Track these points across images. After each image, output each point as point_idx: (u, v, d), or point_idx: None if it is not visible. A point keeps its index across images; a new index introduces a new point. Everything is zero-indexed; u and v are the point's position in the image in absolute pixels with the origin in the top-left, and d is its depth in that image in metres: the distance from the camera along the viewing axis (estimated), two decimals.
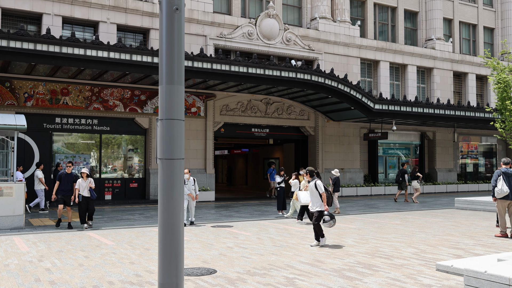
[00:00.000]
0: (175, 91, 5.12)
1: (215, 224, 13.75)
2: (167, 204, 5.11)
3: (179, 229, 5.13)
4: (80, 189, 12.56)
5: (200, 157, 22.68)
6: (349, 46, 27.41)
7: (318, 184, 9.71)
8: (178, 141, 5.12)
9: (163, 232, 5.07)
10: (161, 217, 5.12)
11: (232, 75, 19.39)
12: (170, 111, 5.09)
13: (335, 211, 17.18)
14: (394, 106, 23.83)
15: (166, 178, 5.07)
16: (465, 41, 33.65)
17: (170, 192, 5.09)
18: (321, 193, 9.67)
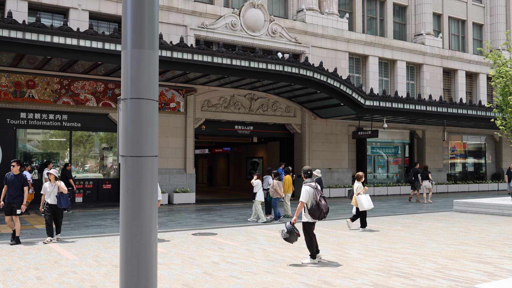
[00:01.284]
0: (146, 58, 3.59)
1: (196, 231, 12.19)
2: (133, 221, 3.57)
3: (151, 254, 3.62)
4: (46, 195, 10.61)
5: (179, 156, 21.06)
6: (337, 40, 26.09)
7: (303, 190, 8.00)
8: (149, 131, 3.58)
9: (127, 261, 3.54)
10: (125, 241, 3.58)
11: (214, 67, 17.84)
12: (137, 87, 3.56)
13: None
14: (385, 103, 22.58)
15: (132, 184, 3.55)
16: (454, 37, 32.69)
17: (138, 203, 3.57)
18: (300, 200, 8.07)
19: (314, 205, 7.91)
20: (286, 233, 8.16)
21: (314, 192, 7.98)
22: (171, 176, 20.63)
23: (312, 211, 7.92)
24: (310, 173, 8.26)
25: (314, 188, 8.01)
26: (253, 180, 14.66)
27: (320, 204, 7.91)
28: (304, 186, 8.03)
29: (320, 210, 7.93)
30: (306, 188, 8.00)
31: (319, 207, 7.90)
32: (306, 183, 8.09)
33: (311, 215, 7.96)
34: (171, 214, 16.37)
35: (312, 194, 7.97)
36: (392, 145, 28.61)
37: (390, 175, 28.54)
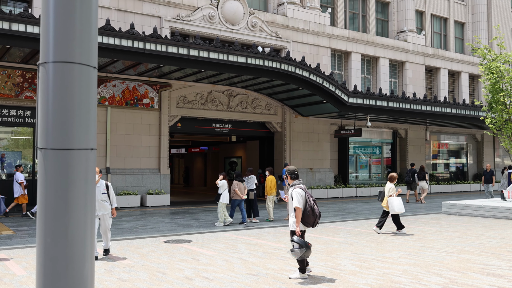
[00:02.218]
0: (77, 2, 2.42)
1: (169, 237, 11.01)
2: (55, 249, 2.41)
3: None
4: None
5: (153, 155, 19.80)
6: (319, 35, 25.15)
7: (295, 193, 6.88)
8: (83, 112, 2.40)
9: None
10: (42, 277, 2.42)
11: (190, 60, 16.66)
12: (65, 45, 2.39)
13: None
14: (369, 100, 21.71)
15: (54, 192, 2.37)
16: (437, 35, 32.12)
17: (64, 222, 2.40)
18: (294, 207, 6.89)
19: (308, 210, 6.84)
20: (299, 249, 6.66)
21: (306, 196, 6.91)
22: (144, 177, 19.35)
23: (305, 217, 6.86)
24: (297, 173, 7.18)
25: (305, 190, 6.95)
26: (218, 180, 13.62)
27: (314, 209, 6.85)
28: (295, 190, 6.93)
29: (315, 215, 6.88)
30: (298, 191, 6.90)
31: (314, 212, 6.84)
32: (295, 185, 7.00)
33: (304, 222, 6.90)
34: (143, 217, 15.13)
35: (305, 198, 6.90)
36: (374, 145, 27.82)
37: (373, 175, 27.75)
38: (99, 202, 8.53)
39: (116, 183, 18.64)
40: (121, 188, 18.72)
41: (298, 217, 6.81)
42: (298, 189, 6.89)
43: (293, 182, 7.08)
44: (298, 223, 6.83)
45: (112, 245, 9.83)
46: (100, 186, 8.57)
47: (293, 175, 7.12)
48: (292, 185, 7.02)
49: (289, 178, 7.13)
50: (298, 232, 6.84)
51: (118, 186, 18.68)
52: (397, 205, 11.46)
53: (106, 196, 8.66)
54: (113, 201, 8.77)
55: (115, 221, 14.01)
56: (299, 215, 6.80)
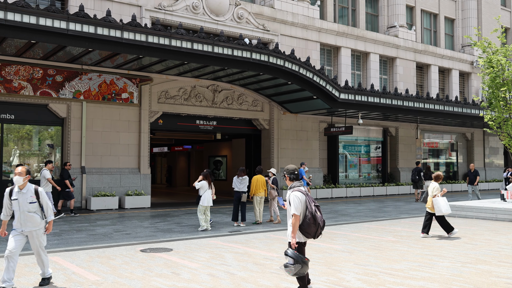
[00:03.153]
0: None
1: (147, 245, 9.81)
2: None
3: None
4: None
5: (132, 154, 18.52)
6: (308, 29, 24.09)
7: (293, 197, 5.69)
8: None
9: None
10: None
11: (172, 51, 15.45)
12: None
13: (274, 221, 13.77)
14: (361, 96, 20.70)
15: None
16: (427, 31, 31.31)
17: None
18: (291, 214, 5.68)
19: (309, 218, 5.68)
20: (294, 265, 5.52)
21: (306, 200, 5.78)
22: (123, 177, 18.07)
23: (305, 226, 5.69)
24: (297, 174, 6.03)
25: (306, 194, 5.81)
26: (196, 182, 12.44)
27: (316, 216, 5.72)
28: (293, 193, 5.76)
29: (317, 224, 5.72)
30: (296, 195, 5.73)
31: (316, 220, 5.70)
32: (294, 187, 5.85)
33: (303, 232, 5.73)
34: (120, 221, 13.88)
35: (305, 203, 5.77)
36: (364, 143, 26.88)
37: (363, 175, 26.80)
38: (25, 214, 6.47)
39: (92, 184, 17.34)
40: (98, 189, 17.41)
41: (295, 226, 5.65)
42: (297, 192, 5.75)
43: (291, 184, 5.93)
44: (294, 233, 5.67)
45: (80, 256, 8.60)
46: (27, 193, 6.52)
47: (292, 176, 5.97)
48: (291, 188, 5.88)
49: (288, 179, 5.98)
50: (294, 244, 5.67)
51: (94, 187, 17.37)
52: (443, 206, 10.68)
53: (36, 206, 6.54)
54: (48, 212, 6.62)
55: (87, 226, 12.75)
56: (296, 223, 5.64)
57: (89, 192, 17.24)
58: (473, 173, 20.65)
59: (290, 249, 5.62)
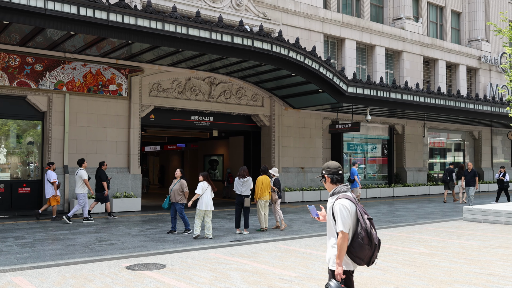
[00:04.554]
0: None
1: (135, 259, 8.13)
2: None
3: None
4: None
5: (121, 152, 16.81)
6: (311, 19, 22.48)
7: (339, 208, 3.99)
8: None
9: None
10: None
11: (166, 37, 13.79)
12: None
13: (281, 227, 12.16)
14: (369, 90, 19.13)
15: None
16: (433, 24, 29.81)
17: None
18: (337, 231, 4.01)
19: (363, 237, 3.94)
20: None
21: (357, 211, 4.10)
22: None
23: (357, 248, 3.97)
24: (341, 174, 4.33)
25: (355, 202, 4.18)
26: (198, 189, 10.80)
27: (372, 234, 4.02)
28: (339, 201, 4.02)
29: (373, 246, 4.00)
30: (344, 203, 4.00)
31: (371, 240, 4.00)
32: (339, 193, 4.13)
33: (354, 256, 4.00)
34: (105, 228, 12.18)
35: (355, 215, 4.08)
36: (370, 142, 25.31)
37: (368, 175, 25.24)
38: None
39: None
40: None
41: (342, 249, 3.94)
42: (345, 200, 4.04)
43: (335, 188, 4.20)
44: (341, 259, 3.97)
45: (51, 275, 6.92)
46: None
47: (335, 176, 4.23)
48: (334, 193, 4.19)
49: (328, 180, 4.27)
50: (340, 274, 3.98)
51: None
52: None
53: None
54: None
55: (67, 233, 11.04)
56: (343, 245, 3.93)
57: (72, 194, 15.50)
58: (470, 173, 18.39)
59: (333, 281, 3.95)
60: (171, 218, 11.40)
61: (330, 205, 4.12)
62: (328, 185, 4.25)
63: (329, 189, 4.24)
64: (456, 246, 9.53)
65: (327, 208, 4.23)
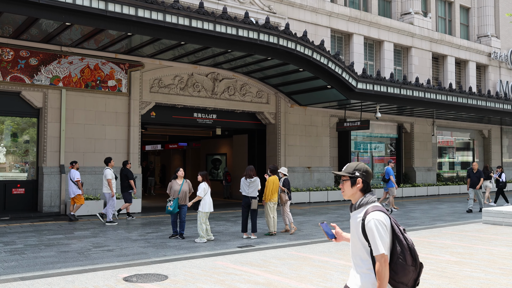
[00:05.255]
0: None
1: (133, 269, 7.35)
2: None
3: None
4: None
5: (120, 150, 16.03)
6: (318, 12, 21.68)
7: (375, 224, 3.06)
8: None
9: None
10: None
11: (167, 29, 13.02)
12: None
13: (290, 231, 11.37)
14: (380, 87, 18.34)
15: None
16: (441, 20, 28.99)
17: None
18: (376, 255, 3.06)
19: (405, 256, 3.09)
20: None
21: (393, 225, 3.16)
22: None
23: (399, 271, 3.08)
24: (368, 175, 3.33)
25: (389, 216, 3.23)
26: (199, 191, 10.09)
27: (415, 251, 3.16)
28: (373, 215, 3.11)
29: (418, 265, 3.17)
30: (379, 218, 3.10)
31: (415, 259, 3.16)
32: (369, 204, 3.20)
33: (396, 282, 3.10)
34: (103, 232, 11.41)
35: (391, 231, 3.15)
36: (378, 140, 24.50)
37: (375, 174, 24.42)
38: None
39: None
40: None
41: (385, 277, 3.04)
42: (380, 213, 3.12)
43: (363, 198, 3.25)
44: (382, 285, 3.15)
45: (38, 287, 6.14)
46: None
47: (367, 184, 3.33)
48: (362, 205, 3.23)
49: (360, 187, 3.26)
50: None
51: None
52: None
53: None
54: None
55: (61, 238, 10.26)
56: (385, 272, 3.04)
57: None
58: (475, 174, 17.05)
59: None
60: (172, 222, 10.58)
61: (359, 220, 3.18)
62: (354, 191, 3.27)
63: (354, 198, 3.29)
64: (484, 253, 8.73)
65: (352, 225, 3.25)
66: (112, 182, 13.19)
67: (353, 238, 3.25)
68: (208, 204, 10.15)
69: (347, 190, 3.29)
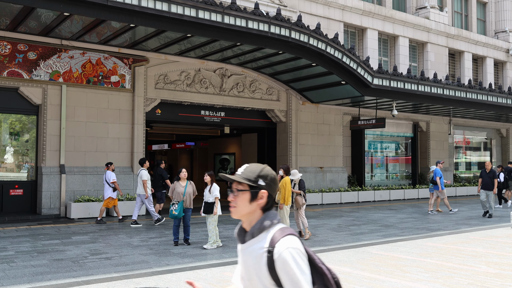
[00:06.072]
0: None
1: (132, 281, 6.54)
2: None
3: None
4: None
5: (124, 149, 15.25)
6: (330, 6, 20.79)
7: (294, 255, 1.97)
8: None
9: None
10: None
11: (172, 20, 12.24)
12: None
13: (305, 236, 10.49)
14: (396, 83, 17.43)
15: None
16: (457, 15, 27.98)
17: None
18: None
19: None
20: None
21: (311, 255, 2.06)
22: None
23: None
24: (274, 187, 2.18)
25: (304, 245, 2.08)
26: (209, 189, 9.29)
27: (340, 286, 2.11)
28: (286, 244, 1.99)
29: None
30: (296, 246, 2.00)
31: None
32: (275, 228, 2.08)
33: None
34: (102, 236, 10.60)
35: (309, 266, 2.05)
36: (392, 139, 23.55)
37: (390, 175, 23.49)
38: None
39: (74, 186, 14.07)
40: (80, 192, 14.15)
41: None
42: (294, 239, 2.03)
43: (264, 219, 2.11)
44: None
45: None
46: None
47: (271, 200, 2.15)
48: (263, 228, 2.09)
49: (264, 200, 2.12)
50: None
51: (76, 190, 14.11)
52: None
53: None
54: None
55: (57, 244, 9.46)
56: None
57: (70, 197, 13.98)
58: (489, 174, 15.20)
59: None
60: (174, 228, 9.70)
61: (262, 253, 2.04)
62: (253, 209, 2.12)
63: (250, 219, 2.14)
64: None
65: (247, 262, 2.10)
66: (148, 183, 12.67)
67: (248, 283, 2.13)
68: (219, 206, 9.37)
69: (241, 206, 2.11)
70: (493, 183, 15.05)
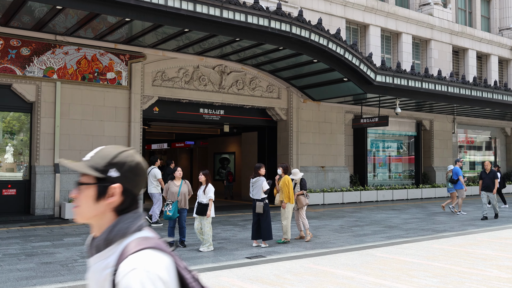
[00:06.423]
0: None
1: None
2: None
3: None
4: None
5: None
6: (332, 2, 20.38)
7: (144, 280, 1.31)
8: None
9: None
10: None
11: (169, 14, 11.83)
12: None
13: (306, 237, 10.09)
14: (400, 80, 17.01)
15: None
16: (461, 12, 27.54)
17: None
18: None
19: None
20: None
21: (183, 275, 1.44)
22: None
23: None
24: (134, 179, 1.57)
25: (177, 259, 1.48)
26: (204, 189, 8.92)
27: None
28: (135, 262, 1.36)
29: None
30: (149, 267, 1.35)
31: None
32: (132, 238, 1.47)
33: None
34: None
35: None
36: (395, 138, 23.12)
37: (393, 175, 23.07)
38: None
39: (68, 186, 13.68)
40: None
41: None
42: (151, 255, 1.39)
43: (116, 225, 1.49)
44: None
45: None
46: None
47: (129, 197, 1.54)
48: (114, 238, 1.47)
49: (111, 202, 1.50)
50: None
51: (70, 189, 13.69)
52: None
53: None
54: None
55: (48, 246, 9.06)
56: None
57: (64, 197, 13.59)
58: (489, 174, 14.60)
59: None
60: (168, 229, 9.31)
61: (106, 274, 1.43)
62: (100, 210, 1.52)
63: (99, 223, 1.54)
64: None
65: (94, 283, 1.50)
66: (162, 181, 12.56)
67: None
68: (213, 207, 8.97)
69: (85, 206, 1.54)
70: (493, 185, 14.49)
